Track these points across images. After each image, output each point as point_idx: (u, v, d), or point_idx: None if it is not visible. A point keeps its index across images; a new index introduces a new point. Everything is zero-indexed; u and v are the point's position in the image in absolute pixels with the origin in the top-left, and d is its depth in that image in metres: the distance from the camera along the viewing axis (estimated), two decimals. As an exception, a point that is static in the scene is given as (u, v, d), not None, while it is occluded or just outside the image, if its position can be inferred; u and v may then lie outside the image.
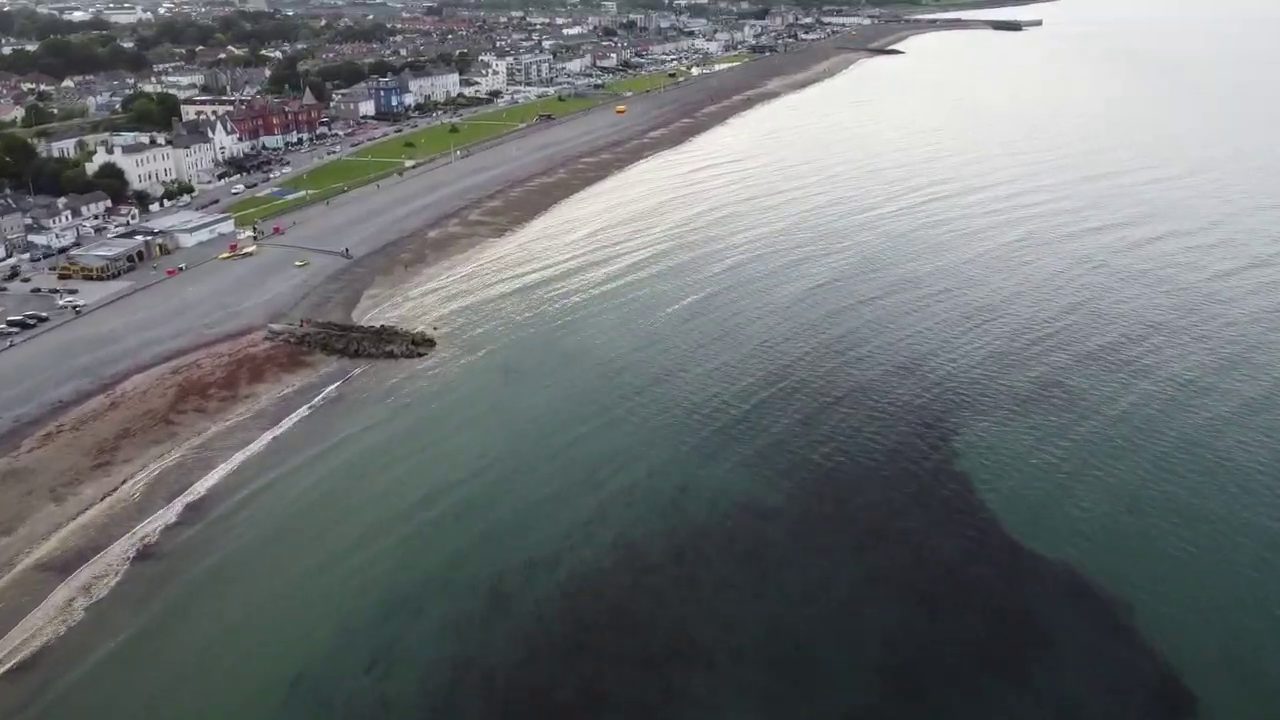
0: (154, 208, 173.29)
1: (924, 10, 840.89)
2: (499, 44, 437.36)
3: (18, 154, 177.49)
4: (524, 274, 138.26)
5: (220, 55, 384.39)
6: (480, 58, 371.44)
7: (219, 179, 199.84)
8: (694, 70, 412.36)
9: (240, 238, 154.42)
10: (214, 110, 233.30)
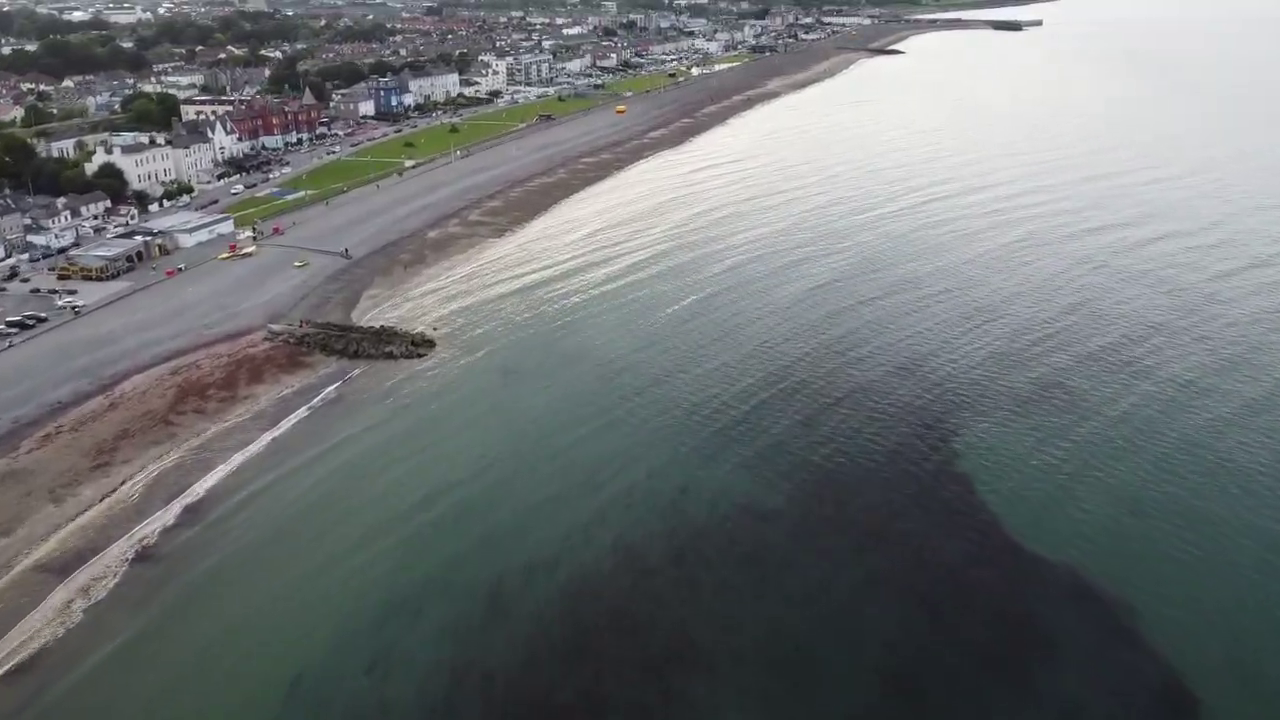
0: (153, 208, 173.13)
1: (924, 10, 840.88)
2: (499, 44, 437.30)
3: (17, 154, 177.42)
4: (524, 274, 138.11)
5: (220, 55, 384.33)
6: (480, 58, 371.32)
7: (218, 179, 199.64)
8: (694, 70, 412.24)
9: (240, 238, 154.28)
10: (214, 110, 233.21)
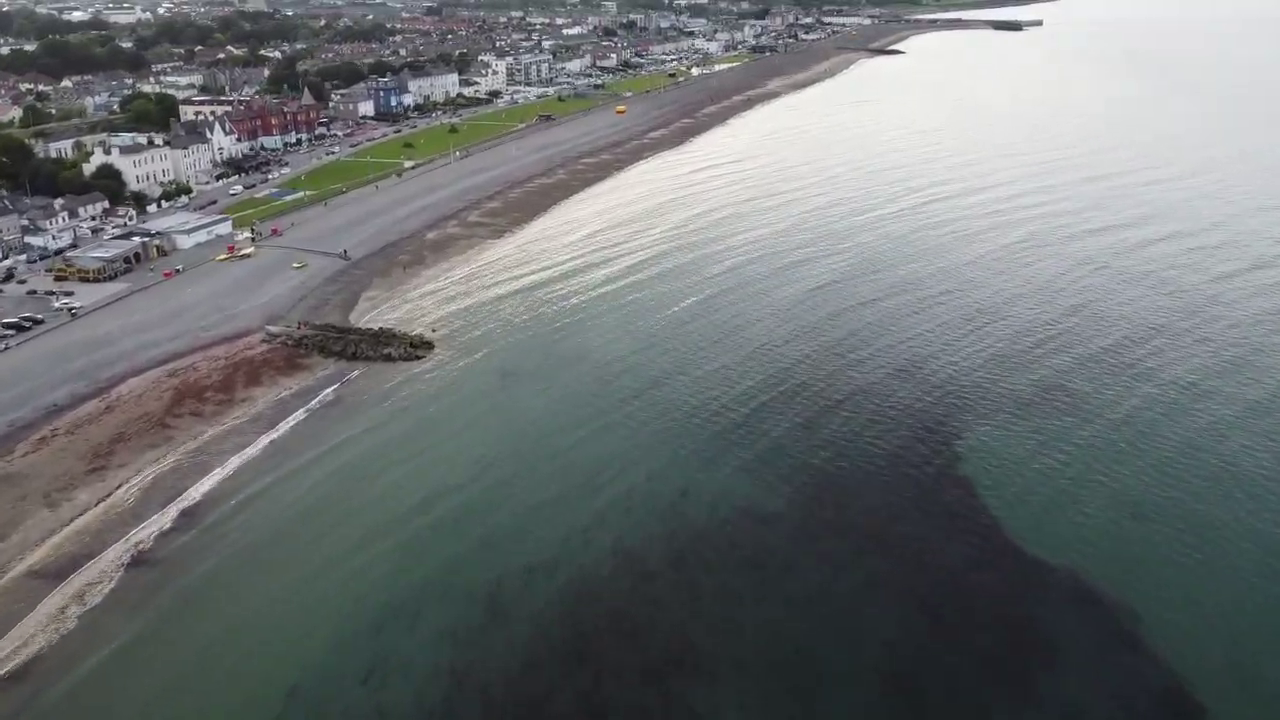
0: (151, 209, 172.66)
1: (924, 10, 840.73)
2: (499, 44, 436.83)
3: (15, 154, 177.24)
4: (523, 276, 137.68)
5: (219, 55, 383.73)
6: (480, 58, 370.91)
7: (217, 180, 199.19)
8: (694, 70, 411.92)
9: (238, 239, 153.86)
10: (212, 111, 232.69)
